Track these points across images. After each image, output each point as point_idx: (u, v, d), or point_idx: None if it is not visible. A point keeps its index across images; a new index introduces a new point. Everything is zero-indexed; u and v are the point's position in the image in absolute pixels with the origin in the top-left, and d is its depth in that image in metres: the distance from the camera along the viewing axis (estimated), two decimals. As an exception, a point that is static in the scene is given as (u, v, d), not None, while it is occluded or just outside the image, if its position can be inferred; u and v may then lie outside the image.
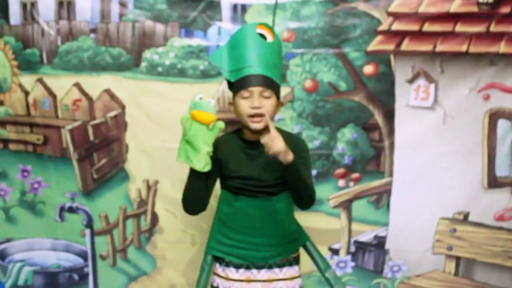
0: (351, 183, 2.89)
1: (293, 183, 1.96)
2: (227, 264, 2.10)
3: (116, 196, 2.94)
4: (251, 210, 2.04)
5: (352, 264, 2.94)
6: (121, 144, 2.89)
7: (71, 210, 2.94)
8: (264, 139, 1.89)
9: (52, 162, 2.93)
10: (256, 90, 1.94)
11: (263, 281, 2.08)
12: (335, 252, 2.93)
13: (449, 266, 2.90)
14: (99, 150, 2.90)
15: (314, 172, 2.83)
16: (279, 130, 1.96)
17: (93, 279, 3.00)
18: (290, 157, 1.88)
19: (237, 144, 2.06)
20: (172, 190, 2.90)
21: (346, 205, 2.89)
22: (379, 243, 2.92)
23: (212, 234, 2.16)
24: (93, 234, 2.95)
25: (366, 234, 2.93)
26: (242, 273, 2.09)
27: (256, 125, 1.95)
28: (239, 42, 1.98)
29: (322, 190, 2.83)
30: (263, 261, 2.08)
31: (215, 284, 2.14)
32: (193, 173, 1.98)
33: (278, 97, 2.01)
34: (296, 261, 2.16)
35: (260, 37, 1.97)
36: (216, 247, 2.12)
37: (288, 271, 2.11)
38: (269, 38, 1.97)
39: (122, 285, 2.99)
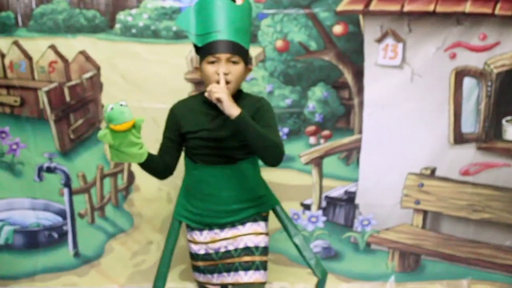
0: (322, 140, 2.94)
1: (248, 138, 1.90)
2: (192, 229, 2.13)
3: (93, 156, 2.97)
4: (209, 179, 2.05)
5: (323, 218, 3.01)
6: (97, 105, 2.92)
7: (49, 170, 2.96)
8: (209, 87, 1.89)
9: (30, 123, 2.95)
10: (223, 56, 1.93)
11: (228, 238, 2.09)
12: (306, 207, 2.99)
13: (416, 220, 2.99)
14: (76, 111, 2.93)
15: (286, 130, 2.90)
16: (242, 93, 2.01)
17: (72, 237, 3.04)
18: (234, 110, 1.85)
19: (198, 106, 2.05)
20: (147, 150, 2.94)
21: (317, 161, 2.95)
22: (349, 198, 2.98)
23: (178, 199, 2.19)
24: (71, 193, 2.99)
25: (337, 190, 2.99)
26: (206, 235, 2.11)
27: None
28: (207, 5, 1.95)
29: (293, 148, 2.91)
30: (225, 225, 2.09)
31: (191, 251, 2.17)
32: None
33: (246, 62, 2.00)
34: (262, 218, 2.14)
35: (229, 0, 1.95)
36: (182, 213, 2.15)
37: (251, 226, 2.10)
38: (238, 1, 1.95)
39: (101, 242, 3.04)
